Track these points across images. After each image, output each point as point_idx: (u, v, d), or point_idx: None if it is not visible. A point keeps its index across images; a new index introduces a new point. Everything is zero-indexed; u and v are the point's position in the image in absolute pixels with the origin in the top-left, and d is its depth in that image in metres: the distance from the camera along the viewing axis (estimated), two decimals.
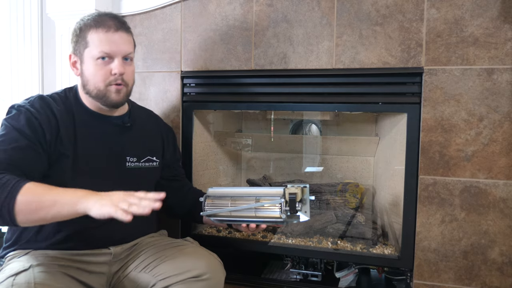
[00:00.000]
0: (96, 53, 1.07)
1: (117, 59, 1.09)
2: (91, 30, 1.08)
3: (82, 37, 1.09)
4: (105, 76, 1.09)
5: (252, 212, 1.06)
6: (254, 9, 1.44)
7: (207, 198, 1.10)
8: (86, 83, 1.11)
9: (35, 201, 0.90)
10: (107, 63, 1.08)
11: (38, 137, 1.02)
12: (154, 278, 1.07)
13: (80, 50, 1.10)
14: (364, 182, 1.83)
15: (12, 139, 0.99)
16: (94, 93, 1.10)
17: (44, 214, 0.90)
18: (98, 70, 1.08)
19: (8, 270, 0.95)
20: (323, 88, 1.41)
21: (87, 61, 1.09)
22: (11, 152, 0.98)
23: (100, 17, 1.10)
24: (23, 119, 1.02)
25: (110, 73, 1.09)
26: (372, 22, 1.33)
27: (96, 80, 1.09)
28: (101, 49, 1.07)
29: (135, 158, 1.20)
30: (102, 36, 1.07)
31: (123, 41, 1.10)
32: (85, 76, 1.10)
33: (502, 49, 1.23)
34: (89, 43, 1.08)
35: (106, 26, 1.08)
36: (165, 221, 1.39)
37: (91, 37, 1.08)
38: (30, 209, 0.89)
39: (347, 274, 1.51)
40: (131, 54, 1.13)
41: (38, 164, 1.02)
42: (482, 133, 1.26)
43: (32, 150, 1.00)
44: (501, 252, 1.26)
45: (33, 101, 1.07)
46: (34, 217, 0.91)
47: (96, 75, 1.08)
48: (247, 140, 2.00)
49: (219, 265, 1.13)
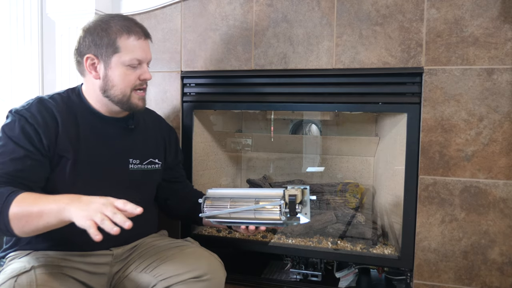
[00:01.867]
0: (128, 59, 1.08)
1: (144, 65, 1.13)
2: (123, 35, 1.08)
3: (110, 41, 1.07)
4: (134, 82, 1.11)
5: (252, 214, 1.05)
6: (254, 9, 1.44)
7: (206, 200, 1.08)
8: (110, 88, 1.10)
9: (24, 214, 0.90)
10: (135, 69, 1.11)
11: (34, 144, 1.01)
12: (155, 279, 1.07)
13: (107, 54, 1.08)
14: (364, 182, 1.83)
15: (9, 151, 0.99)
16: (118, 98, 1.11)
17: (35, 225, 0.90)
18: (128, 75, 1.10)
19: (10, 271, 0.95)
20: (323, 88, 1.41)
21: (116, 67, 1.09)
22: (9, 164, 0.98)
23: (128, 23, 1.10)
24: (17, 127, 1.01)
25: (138, 78, 1.12)
26: (372, 22, 1.33)
27: (125, 85, 1.10)
28: (134, 56, 1.09)
29: (138, 160, 1.20)
30: (136, 43, 1.10)
31: (149, 49, 1.15)
32: (111, 80, 1.09)
33: (502, 49, 1.23)
34: (121, 49, 1.08)
35: (137, 33, 1.10)
36: (165, 221, 1.39)
37: (123, 43, 1.08)
38: (21, 222, 0.90)
39: (347, 274, 1.51)
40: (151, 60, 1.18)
41: (39, 172, 1.02)
42: (482, 133, 1.26)
43: (30, 159, 1.00)
44: (501, 252, 1.26)
45: (30, 105, 1.05)
46: (28, 229, 0.91)
47: (125, 81, 1.10)
48: (247, 140, 2.00)
49: (219, 265, 1.13)
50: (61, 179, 1.05)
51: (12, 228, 0.90)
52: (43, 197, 0.93)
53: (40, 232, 0.93)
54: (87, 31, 1.09)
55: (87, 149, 1.09)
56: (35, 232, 0.93)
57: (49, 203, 0.90)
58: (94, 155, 1.10)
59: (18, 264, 0.98)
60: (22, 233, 0.92)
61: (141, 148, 1.22)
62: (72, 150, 1.06)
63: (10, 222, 0.90)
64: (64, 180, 1.05)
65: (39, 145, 1.02)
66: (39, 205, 0.90)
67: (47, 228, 0.91)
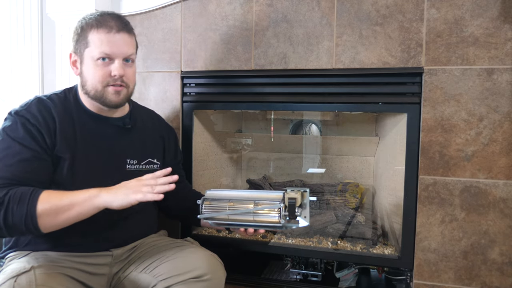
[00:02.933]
0: (96, 53, 1.06)
1: (117, 60, 1.08)
2: (93, 30, 1.07)
3: (83, 36, 1.08)
4: (104, 77, 1.08)
5: (250, 216, 1.04)
6: (254, 9, 1.44)
7: (204, 201, 1.07)
8: (84, 83, 1.10)
9: (54, 208, 0.94)
10: (107, 64, 1.07)
11: (39, 143, 1.01)
12: (155, 279, 1.07)
13: (81, 49, 1.09)
14: (364, 182, 1.83)
15: (16, 153, 0.99)
16: (92, 94, 1.09)
17: (65, 217, 0.96)
18: (97, 71, 1.07)
19: (9, 271, 0.94)
20: (323, 88, 1.41)
21: (87, 61, 1.08)
22: (17, 166, 0.98)
23: (102, 17, 1.08)
24: (21, 128, 1.01)
25: (110, 74, 1.08)
26: (372, 22, 1.33)
27: (95, 80, 1.08)
28: (101, 50, 1.06)
29: (136, 160, 1.19)
30: (103, 37, 1.06)
31: (124, 43, 1.09)
32: (84, 76, 1.09)
33: (502, 49, 1.23)
34: (90, 43, 1.07)
35: (107, 26, 1.07)
36: (165, 221, 1.39)
37: (92, 37, 1.06)
38: (50, 217, 0.95)
39: (347, 274, 1.51)
40: (132, 55, 1.12)
41: (47, 172, 1.03)
42: (482, 133, 1.26)
43: (38, 159, 1.00)
44: (501, 252, 1.26)
45: (30, 105, 1.05)
46: (57, 221, 0.96)
47: (95, 76, 1.07)
48: (247, 140, 2.00)
49: (219, 265, 1.13)
50: (58, 181, 1.05)
51: (39, 225, 0.94)
52: (67, 192, 0.98)
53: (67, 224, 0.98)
54: (74, 30, 1.11)
55: (83, 150, 1.09)
56: (62, 225, 0.98)
57: (78, 194, 0.96)
58: (90, 156, 1.10)
59: (17, 264, 0.98)
60: (49, 228, 0.97)
61: (139, 148, 1.21)
62: (69, 151, 1.06)
63: (38, 219, 0.93)
64: (61, 181, 1.05)
65: (43, 144, 1.02)
66: (68, 197, 0.96)
67: (78, 218, 0.98)
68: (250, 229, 1.08)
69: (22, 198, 0.93)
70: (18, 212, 0.92)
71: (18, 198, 0.93)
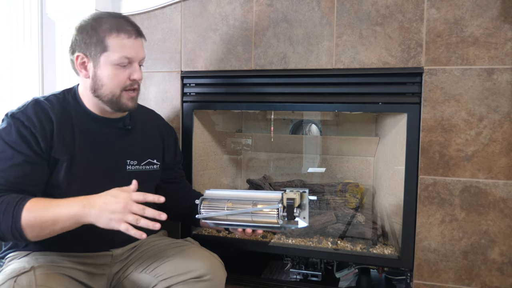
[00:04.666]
0: (116, 58, 1.05)
1: (135, 64, 1.09)
2: (112, 34, 1.05)
3: (98, 40, 1.06)
4: (124, 81, 1.08)
5: (249, 217, 1.03)
6: (254, 9, 1.44)
7: (203, 201, 1.07)
8: (99, 87, 1.08)
9: (38, 222, 0.93)
10: (125, 68, 1.08)
11: (32, 148, 1.00)
12: (155, 279, 1.07)
13: (96, 53, 1.06)
14: (364, 182, 1.83)
15: (8, 157, 0.99)
16: (107, 98, 1.08)
17: (51, 230, 0.94)
18: (117, 75, 1.07)
19: (9, 271, 0.95)
20: (323, 88, 1.41)
21: (105, 66, 1.06)
22: (9, 171, 0.98)
23: (118, 21, 1.07)
24: (14, 132, 1.00)
25: (129, 78, 1.09)
26: (372, 22, 1.33)
27: (114, 85, 1.07)
28: (123, 54, 1.06)
29: (136, 161, 1.19)
30: (125, 42, 1.06)
31: (141, 47, 1.11)
32: (100, 80, 1.07)
33: (502, 49, 1.23)
34: (109, 48, 1.05)
35: (127, 31, 1.07)
36: (165, 221, 1.38)
37: (111, 41, 1.05)
38: (35, 229, 0.93)
39: (347, 274, 1.51)
40: (144, 59, 1.15)
41: (39, 176, 1.02)
42: (482, 133, 1.26)
43: (29, 164, 0.99)
44: (501, 252, 1.26)
45: (26, 108, 1.04)
46: (43, 234, 0.95)
47: (114, 80, 1.07)
48: (247, 140, 2.00)
49: (220, 265, 1.13)
50: (56, 183, 1.04)
51: (26, 236, 0.93)
52: (53, 202, 0.95)
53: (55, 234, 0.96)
54: (78, 29, 1.08)
55: (82, 151, 1.08)
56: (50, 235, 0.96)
57: (62, 208, 0.93)
58: (89, 157, 1.09)
59: (17, 265, 0.98)
60: (36, 238, 0.95)
61: (139, 149, 1.20)
62: (67, 153, 1.05)
63: (23, 230, 0.92)
64: (59, 183, 1.04)
65: (37, 148, 1.01)
66: (52, 211, 0.93)
67: (64, 231, 0.95)
68: (248, 229, 1.07)
69: (8, 208, 0.92)
70: (4, 222, 0.92)
71: (4, 208, 0.92)
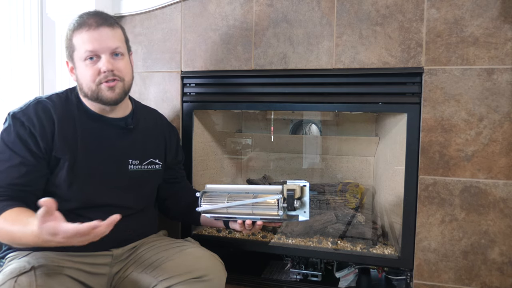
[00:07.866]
0: (82, 54, 1.06)
1: (104, 56, 1.06)
2: (75, 32, 1.07)
3: (69, 41, 1.08)
4: (94, 76, 1.06)
5: (249, 209, 1.03)
6: (254, 9, 1.44)
7: (204, 194, 1.08)
8: (81, 87, 1.10)
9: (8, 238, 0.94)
10: (95, 62, 1.06)
11: (30, 149, 1.01)
12: (156, 279, 1.07)
13: (71, 55, 1.09)
14: (364, 182, 1.83)
15: (6, 159, 1.00)
16: (89, 95, 1.09)
17: (18, 245, 0.98)
18: (87, 70, 1.06)
19: (9, 271, 0.94)
20: (323, 88, 1.41)
21: (78, 64, 1.08)
22: (7, 172, 0.99)
23: (81, 18, 1.08)
24: (13, 132, 1.01)
25: (99, 71, 1.06)
26: (372, 22, 1.33)
27: (87, 81, 1.07)
28: (85, 48, 1.05)
29: (138, 160, 1.19)
30: (84, 36, 1.05)
31: (107, 37, 1.06)
32: (79, 79, 1.09)
33: (502, 49, 1.23)
34: (75, 46, 1.07)
35: (86, 24, 1.06)
36: (165, 221, 1.39)
37: (75, 39, 1.06)
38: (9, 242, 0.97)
39: (347, 274, 1.51)
40: (118, 48, 1.09)
41: (36, 177, 1.03)
42: (482, 133, 1.26)
43: (25, 166, 1.00)
44: (501, 252, 1.26)
45: (27, 107, 1.05)
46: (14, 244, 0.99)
47: (86, 76, 1.07)
48: (247, 140, 2.00)
49: (220, 266, 1.13)
50: (59, 182, 1.05)
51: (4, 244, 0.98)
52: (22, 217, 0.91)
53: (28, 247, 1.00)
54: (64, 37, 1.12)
55: (84, 151, 1.08)
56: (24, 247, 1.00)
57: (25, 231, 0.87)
58: (92, 156, 1.10)
59: (17, 264, 0.98)
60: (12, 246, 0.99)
61: (141, 148, 1.21)
62: (68, 152, 1.05)
63: None
64: (60, 182, 1.05)
65: (35, 148, 1.01)
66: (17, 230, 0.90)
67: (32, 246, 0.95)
68: (248, 221, 1.06)
69: None
70: None
71: None
